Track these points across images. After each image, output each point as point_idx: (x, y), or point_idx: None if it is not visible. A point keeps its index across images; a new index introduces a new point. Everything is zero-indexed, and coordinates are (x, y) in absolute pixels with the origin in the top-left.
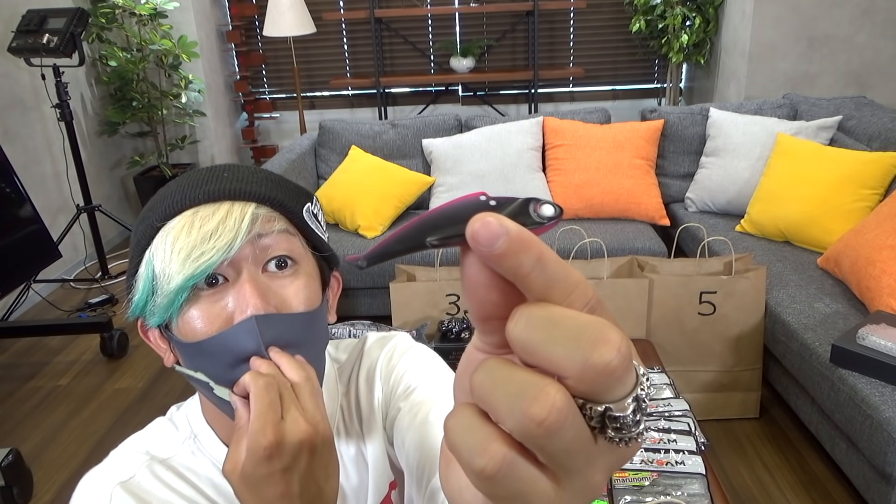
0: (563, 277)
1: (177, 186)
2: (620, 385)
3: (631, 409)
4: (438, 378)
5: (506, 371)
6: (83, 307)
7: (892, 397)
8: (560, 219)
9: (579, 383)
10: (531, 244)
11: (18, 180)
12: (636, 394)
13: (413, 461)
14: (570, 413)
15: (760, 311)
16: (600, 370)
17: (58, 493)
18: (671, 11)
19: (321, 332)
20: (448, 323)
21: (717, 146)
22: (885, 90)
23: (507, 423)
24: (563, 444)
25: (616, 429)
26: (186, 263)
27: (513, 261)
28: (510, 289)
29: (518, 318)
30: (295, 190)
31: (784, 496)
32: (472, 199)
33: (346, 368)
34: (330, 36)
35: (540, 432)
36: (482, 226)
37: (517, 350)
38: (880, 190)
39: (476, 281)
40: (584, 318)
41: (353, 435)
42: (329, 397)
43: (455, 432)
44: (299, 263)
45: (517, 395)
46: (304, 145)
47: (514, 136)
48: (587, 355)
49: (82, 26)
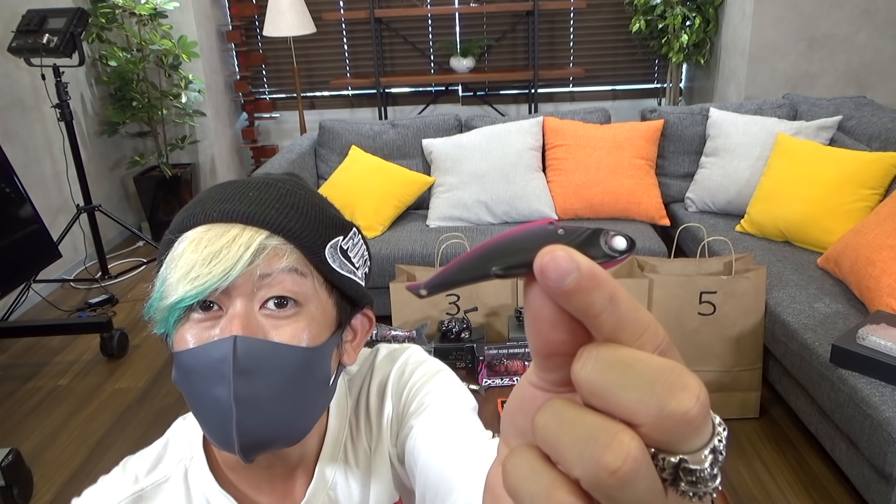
0: (634, 319)
1: (205, 196)
2: (697, 436)
3: (708, 462)
4: (452, 395)
5: (574, 414)
6: (83, 307)
7: (892, 397)
8: (632, 252)
9: (653, 432)
10: (603, 282)
11: (18, 180)
12: (713, 445)
13: (426, 481)
14: (644, 463)
15: (760, 311)
16: (678, 419)
17: (58, 493)
18: (671, 11)
19: (317, 375)
20: (448, 323)
21: (717, 146)
22: (885, 90)
23: (574, 470)
24: (635, 496)
25: (691, 482)
26: (182, 283)
27: (583, 299)
28: (577, 325)
29: (586, 359)
30: (326, 222)
31: (784, 496)
32: (540, 227)
33: (356, 381)
34: (330, 36)
35: (612, 482)
36: (551, 259)
37: (584, 393)
38: (880, 190)
39: (540, 315)
40: (658, 361)
41: (361, 451)
42: (338, 411)
43: (516, 476)
44: (303, 305)
45: (587, 441)
46: (304, 145)
47: (514, 136)
48: (664, 402)
49: (82, 26)
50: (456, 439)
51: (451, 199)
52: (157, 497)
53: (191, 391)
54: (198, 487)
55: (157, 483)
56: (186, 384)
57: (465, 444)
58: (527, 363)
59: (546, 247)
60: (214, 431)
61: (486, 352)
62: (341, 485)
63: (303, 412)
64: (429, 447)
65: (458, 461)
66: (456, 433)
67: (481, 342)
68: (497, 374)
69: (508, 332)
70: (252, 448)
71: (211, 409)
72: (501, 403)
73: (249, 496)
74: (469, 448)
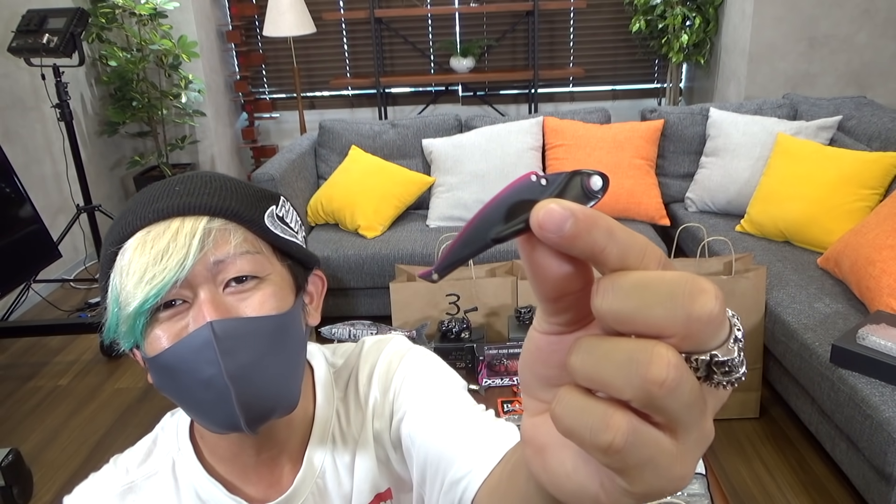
0: (633, 243)
1: (132, 204)
2: (722, 330)
3: (736, 350)
4: (442, 377)
5: (607, 344)
6: (83, 307)
7: (892, 397)
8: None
9: (684, 339)
10: (599, 219)
11: (18, 180)
12: (734, 335)
13: (426, 459)
14: (684, 368)
15: (760, 311)
16: (705, 320)
17: (58, 493)
18: (671, 11)
19: (294, 338)
20: (448, 323)
21: (717, 146)
22: (885, 90)
23: (624, 393)
24: (683, 399)
25: (725, 373)
26: (139, 287)
27: (585, 240)
28: (578, 263)
29: (605, 290)
30: (255, 196)
31: (784, 496)
32: (524, 182)
33: (342, 373)
34: (330, 36)
35: (662, 393)
36: (546, 213)
37: (609, 322)
38: (880, 190)
39: (543, 264)
40: (670, 275)
41: (350, 441)
42: (325, 402)
43: (568, 416)
44: (262, 278)
45: (629, 364)
46: (304, 145)
47: (514, 136)
48: (688, 309)
49: (82, 26)
50: (451, 416)
51: (451, 199)
52: (147, 488)
53: (178, 388)
54: (186, 478)
55: (148, 475)
56: (172, 382)
57: (460, 419)
58: None
59: (538, 203)
60: (215, 416)
61: (486, 352)
62: (330, 472)
63: (291, 374)
64: (425, 427)
65: (456, 435)
66: (451, 410)
67: (481, 342)
68: (497, 374)
69: (508, 332)
70: (256, 419)
71: (206, 397)
72: (501, 403)
73: (237, 485)
74: (465, 422)
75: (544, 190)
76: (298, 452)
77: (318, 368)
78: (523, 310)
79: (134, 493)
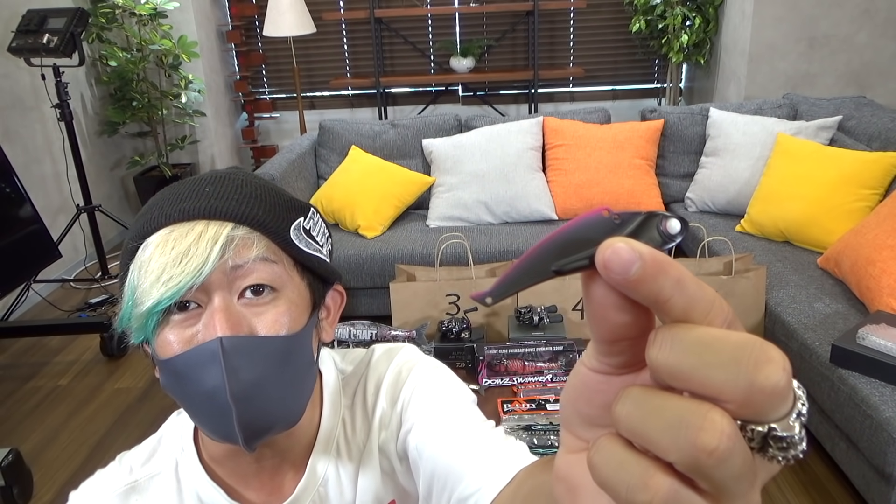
0: (701, 297)
1: (160, 199)
2: (784, 404)
3: (797, 427)
4: (451, 390)
5: (658, 400)
6: (83, 307)
7: (892, 397)
8: (686, 233)
9: (743, 407)
10: (668, 267)
11: (18, 180)
12: (797, 409)
13: (433, 473)
14: (738, 439)
15: (760, 311)
16: (768, 393)
17: (58, 493)
18: (671, 11)
19: (303, 359)
20: (448, 323)
21: (717, 146)
22: (885, 90)
23: (669, 455)
24: (732, 470)
25: (781, 448)
26: (156, 287)
27: (651, 286)
28: (641, 309)
29: (662, 342)
30: (284, 206)
31: (784, 496)
32: (596, 216)
33: (351, 381)
34: (330, 36)
35: (711, 462)
36: (613, 253)
37: (663, 376)
38: (880, 190)
39: (605, 304)
40: (736, 336)
41: (354, 450)
42: (332, 409)
43: (607, 468)
44: (279, 291)
45: (679, 426)
46: (304, 145)
47: (514, 136)
48: (752, 378)
49: (82, 26)
50: (460, 431)
51: (451, 199)
52: (151, 488)
53: (183, 394)
54: (188, 480)
55: (151, 475)
56: (178, 388)
57: (470, 435)
58: (526, 363)
59: (605, 240)
60: (214, 429)
61: (486, 352)
62: (332, 481)
63: (295, 395)
64: (433, 440)
65: (464, 451)
66: (459, 425)
67: (481, 342)
68: (497, 374)
69: (508, 332)
70: (254, 437)
71: (208, 410)
72: (501, 403)
73: (238, 490)
74: (474, 438)
75: (616, 228)
76: (302, 460)
77: (326, 375)
78: (523, 310)
79: (137, 493)
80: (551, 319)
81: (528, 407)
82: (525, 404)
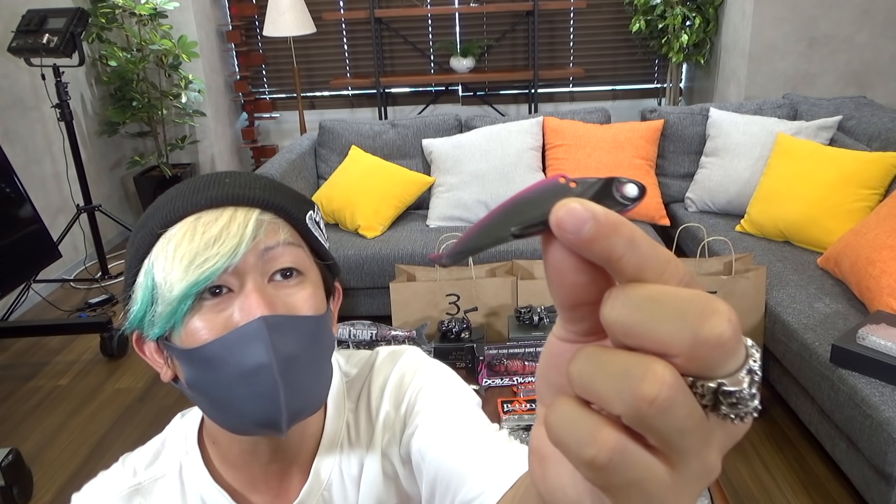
0: (654, 256)
1: (177, 192)
2: (733, 358)
3: (746, 383)
4: (455, 393)
5: (606, 356)
6: (83, 307)
7: (892, 397)
8: (643, 198)
9: (690, 361)
10: (621, 226)
11: (18, 180)
12: (749, 366)
13: (436, 476)
14: (681, 389)
15: (760, 311)
16: (713, 343)
17: (58, 493)
18: (671, 11)
19: (328, 341)
20: (448, 323)
21: (717, 146)
22: (885, 90)
23: (615, 407)
24: (677, 423)
25: (731, 404)
26: (189, 270)
27: (603, 245)
28: (598, 272)
29: (614, 300)
30: (297, 197)
31: (784, 496)
32: (552, 182)
33: (355, 383)
34: (330, 36)
35: (652, 411)
36: (567, 212)
37: (616, 334)
38: (880, 190)
39: (562, 267)
40: (684, 292)
41: (358, 453)
42: (336, 411)
43: (559, 426)
44: (305, 274)
45: (623, 377)
46: (304, 145)
47: (514, 136)
48: (696, 329)
49: (82, 26)
50: (463, 434)
51: (451, 199)
52: (154, 491)
53: (217, 382)
54: (192, 483)
55: (155, 478)
56: (212, 376)
57: (473, 438)
58: (526, 363)
59: (560, 201)
60: (254, 413)
61: (486, 352)
62: (336, 485)
63: (323, 378)
64: (437, 443)
65: (467, 454)
66: (463, 428)
67: (481, 342)
68: (497, 374)
69: (508, 332)
70: (293, 418)
71: (249, 394)
72: (501, 403)
73: (243, 494)
74: (477, 441)
75: (572, 193)
76: (307, 463)
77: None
78: (523, 310)
79: (140, 496)
80: (551, 319)
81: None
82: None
